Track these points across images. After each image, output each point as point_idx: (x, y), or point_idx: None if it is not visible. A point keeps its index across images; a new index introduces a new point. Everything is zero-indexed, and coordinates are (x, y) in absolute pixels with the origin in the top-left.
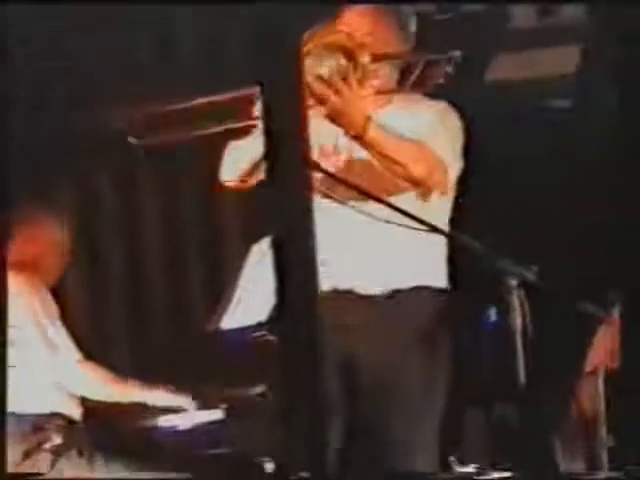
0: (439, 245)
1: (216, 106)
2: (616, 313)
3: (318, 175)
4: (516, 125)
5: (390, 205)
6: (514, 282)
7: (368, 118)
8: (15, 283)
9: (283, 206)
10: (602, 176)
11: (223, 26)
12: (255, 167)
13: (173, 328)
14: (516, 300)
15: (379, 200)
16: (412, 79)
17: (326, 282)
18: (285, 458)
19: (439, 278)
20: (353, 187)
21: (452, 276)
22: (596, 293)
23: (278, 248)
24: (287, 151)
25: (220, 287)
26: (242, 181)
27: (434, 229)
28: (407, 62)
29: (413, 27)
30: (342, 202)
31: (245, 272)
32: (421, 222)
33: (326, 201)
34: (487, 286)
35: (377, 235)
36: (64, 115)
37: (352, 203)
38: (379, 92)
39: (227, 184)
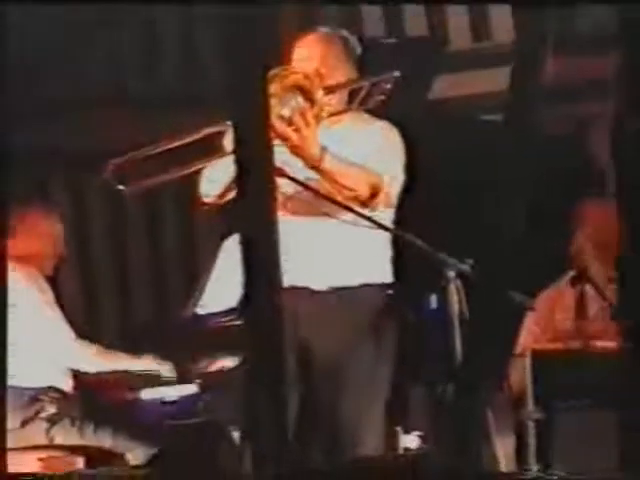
0: (385, 245)
1: (191, 145)
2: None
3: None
4: (453, 137)
5: (347, 208)
6: (452, 274)
7: (323, 150)
8: (16, 272)
9: (253, 214)
10: (528, 180)
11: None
12: (229, 187)
13: (156, 312)
14: (453, 289)
15: (337, 203)
16: (359, 99)
17: (285, 279)
18: (250, 427)
19: (384, 274)
20: (312, 190)
21: (398, 270)
22: (524, 284)
23: (246, 247)
24: (255, 173)
25: (196, 278)
26: (219, 197)
27: (385, 228)
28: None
29: (359, 51)
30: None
31: (217, 265)
32: (374, 223)
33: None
34: (429, 277)
35: (330, 239)
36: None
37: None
38: (331, 115)
39: (206, 200)
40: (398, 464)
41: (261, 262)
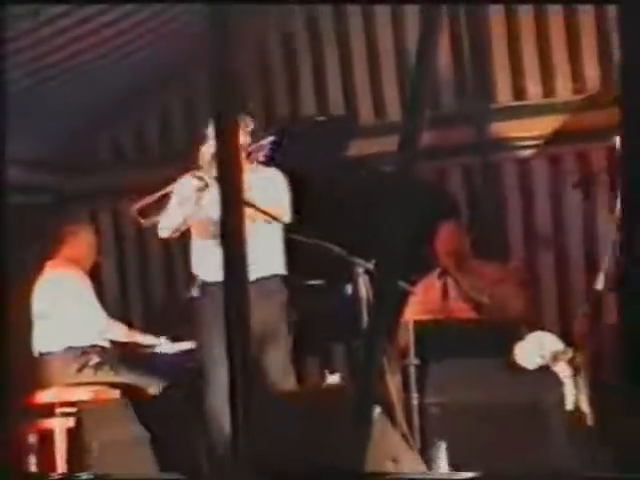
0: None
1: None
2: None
3: None
4: (360, 179)
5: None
6: (360, 270)
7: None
8: (66, 271)
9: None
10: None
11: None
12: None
13: (166, 296)
14: (362, 281)
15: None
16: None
17: None
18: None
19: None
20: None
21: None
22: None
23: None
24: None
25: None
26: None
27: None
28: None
29: (252, 126)
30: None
31: None
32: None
33: None
34: (347, 272)
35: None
36: None
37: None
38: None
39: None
40: (326, 392)
41: (233, 260)
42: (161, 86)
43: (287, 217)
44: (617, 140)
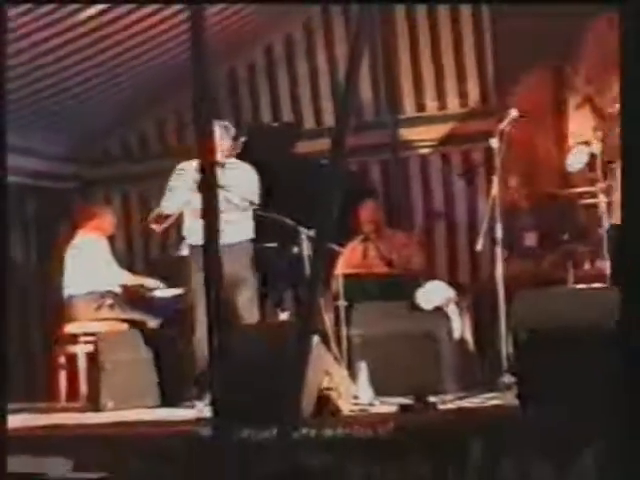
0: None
1: None
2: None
3: None
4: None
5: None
6: (304, 236)
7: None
8: (91, 236)
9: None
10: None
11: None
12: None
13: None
14: (305, 244)
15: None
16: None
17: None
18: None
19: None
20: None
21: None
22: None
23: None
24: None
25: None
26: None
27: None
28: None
29: (233, 132)
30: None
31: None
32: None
33: None
34: (293, 238)
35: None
36: None
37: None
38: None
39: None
40: (279, 325)
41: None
42: (172, 89)
43: (256, 199)
44: (493, 142)
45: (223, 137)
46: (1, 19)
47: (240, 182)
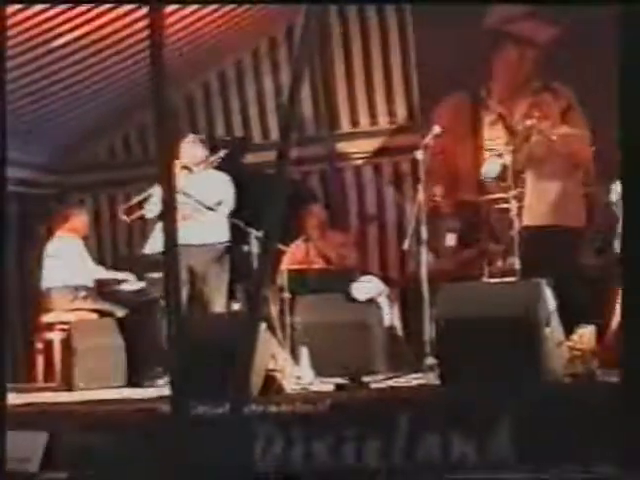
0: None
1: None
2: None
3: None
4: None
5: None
6: (253, 236)
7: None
8: (67, 235)
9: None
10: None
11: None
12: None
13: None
14: (254, 243)
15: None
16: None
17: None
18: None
19: (225, 236)
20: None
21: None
22: (284, 241)
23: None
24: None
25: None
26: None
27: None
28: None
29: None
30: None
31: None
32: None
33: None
34: (244, 238)
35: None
36: None
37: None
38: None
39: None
40: (232, 314)
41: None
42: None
43: (230, 205)
44: (418, 154)
45: (199, 149)
46: (1, 19)
47: (213, 188)
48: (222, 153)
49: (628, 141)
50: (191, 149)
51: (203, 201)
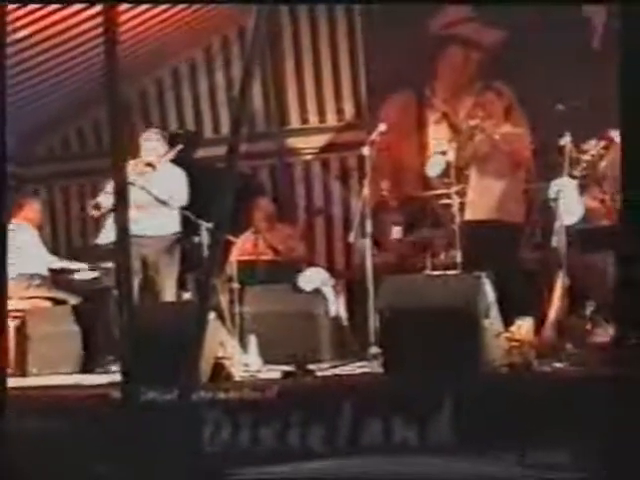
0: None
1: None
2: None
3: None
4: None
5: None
6: (204, 228)
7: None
8: (23, 224)
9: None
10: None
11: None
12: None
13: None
14: (204, 234)
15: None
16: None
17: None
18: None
19: (176, 228)
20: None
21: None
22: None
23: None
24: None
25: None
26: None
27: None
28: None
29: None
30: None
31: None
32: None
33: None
34: (194, 229)
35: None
36: None
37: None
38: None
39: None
40: (183, 303)
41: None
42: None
43: (184, 198)
44: (364, 150)
45: (157, 143)
46: (1, 19)
47: (167, 182)
48: (179, 147)
49: (629, 141)
50: (152, 144)
51: (159, 195)
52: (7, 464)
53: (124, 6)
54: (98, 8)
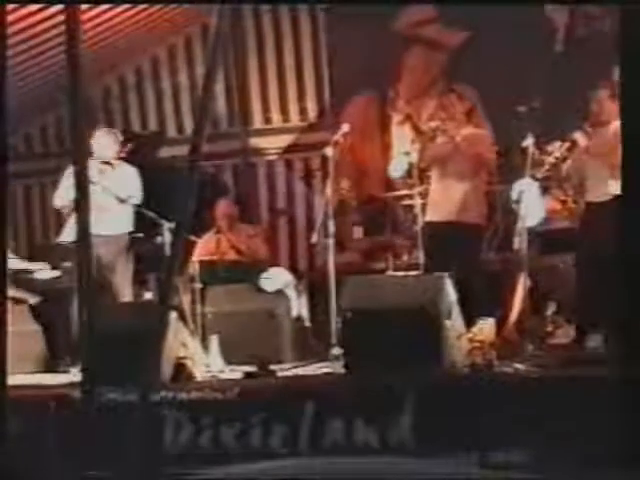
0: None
1: None
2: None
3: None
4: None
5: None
6: (166, 228)
7: None
8: None
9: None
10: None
11: None
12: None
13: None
14: (166, 234)
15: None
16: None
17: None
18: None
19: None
20: None
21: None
22: (196, 233)
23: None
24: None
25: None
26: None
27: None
28: None
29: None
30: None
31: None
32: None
33: None
34: (156, 229)
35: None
36: None
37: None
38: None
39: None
40: (144, 303)
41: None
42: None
43: (139, 196)
44: (327, 151)
45: (111, 142)
46: (1, 19)
47: (124, 181)
48: (131, 146)
49: (630, 140)
50: (104, 142)
51: (117, 194)
52: None
53: (85, 5)
54: (60, 7)
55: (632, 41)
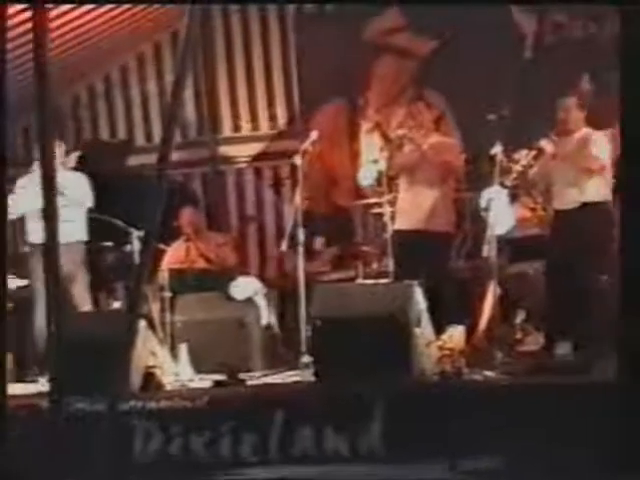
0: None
1: None
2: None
3: None
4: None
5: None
6: (134, 236)
7: None
8: None
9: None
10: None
11: None
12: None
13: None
14: (135, 243)
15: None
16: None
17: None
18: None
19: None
20: None
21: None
22: (165, 241)
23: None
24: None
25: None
26: None
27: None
28: None
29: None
30: None
31: None
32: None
33: None
34: (125, 238)
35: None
36: None
37: None
38: None
39: None
40: (111, 312)
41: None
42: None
43: (90, 203)
44: (296, 159)
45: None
46: (1, 19)
47: (75, 188)
48: (78, 154)
49: (630, 140)
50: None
51: (66, 201)
52: None
53: (55, 11)
54: (28, 13)
55: (632, 42)
